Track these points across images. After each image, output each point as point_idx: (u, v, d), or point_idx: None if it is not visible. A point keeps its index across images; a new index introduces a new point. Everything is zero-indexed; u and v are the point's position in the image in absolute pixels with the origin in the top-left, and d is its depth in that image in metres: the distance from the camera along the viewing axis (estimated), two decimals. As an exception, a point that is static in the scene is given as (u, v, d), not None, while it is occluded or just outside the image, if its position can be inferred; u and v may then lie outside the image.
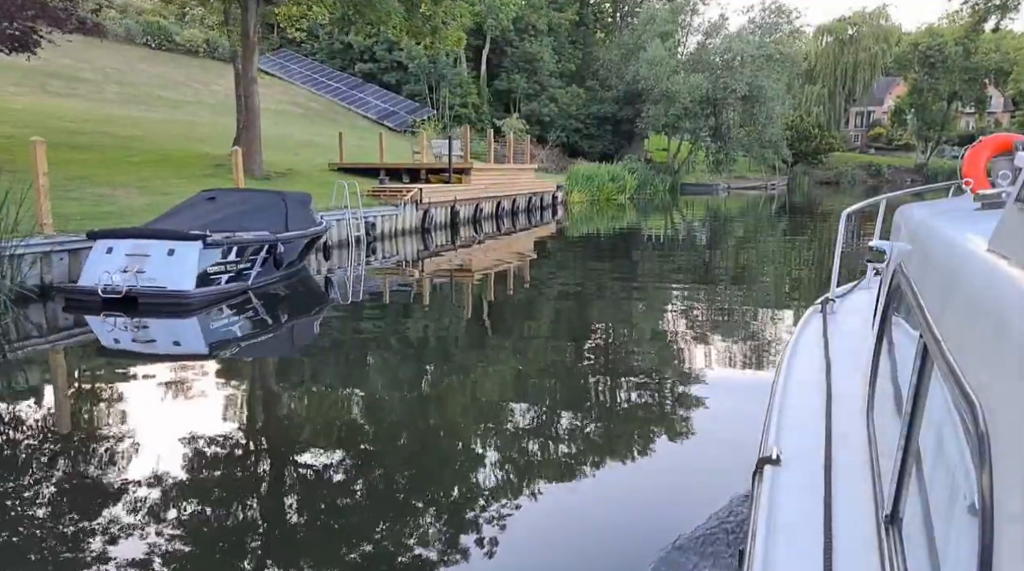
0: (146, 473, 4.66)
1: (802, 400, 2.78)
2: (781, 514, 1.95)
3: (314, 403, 6.65)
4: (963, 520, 1.12)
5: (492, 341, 9.26)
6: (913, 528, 1.53)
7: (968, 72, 61.65)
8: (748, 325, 9.92)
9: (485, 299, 12.31)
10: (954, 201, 3.24)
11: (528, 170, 26.77)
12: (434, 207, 19.08)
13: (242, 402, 6.61)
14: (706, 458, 5.15)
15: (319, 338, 9.39)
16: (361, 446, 5.60)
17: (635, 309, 11.32)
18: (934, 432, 1.48)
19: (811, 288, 12.70)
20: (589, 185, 34.12)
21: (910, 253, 2.34)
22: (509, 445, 5.44)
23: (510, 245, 19.57)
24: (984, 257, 1.34)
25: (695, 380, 7.09)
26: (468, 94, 44.64)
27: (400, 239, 17.92)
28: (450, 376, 7.62)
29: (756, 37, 45.80)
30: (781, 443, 2.38)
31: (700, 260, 18.07)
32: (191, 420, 5.79)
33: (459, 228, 20.54)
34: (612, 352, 8.59)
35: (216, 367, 7.70)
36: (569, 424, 5.87)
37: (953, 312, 1.43)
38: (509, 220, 24.28)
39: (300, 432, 5.85)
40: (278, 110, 37.96)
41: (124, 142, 20.65)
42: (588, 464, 5.05)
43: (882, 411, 2.24)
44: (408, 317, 10.67)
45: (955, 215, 2.24)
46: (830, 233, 21.91)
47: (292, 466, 5.02)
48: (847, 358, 3.16)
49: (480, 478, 4.86)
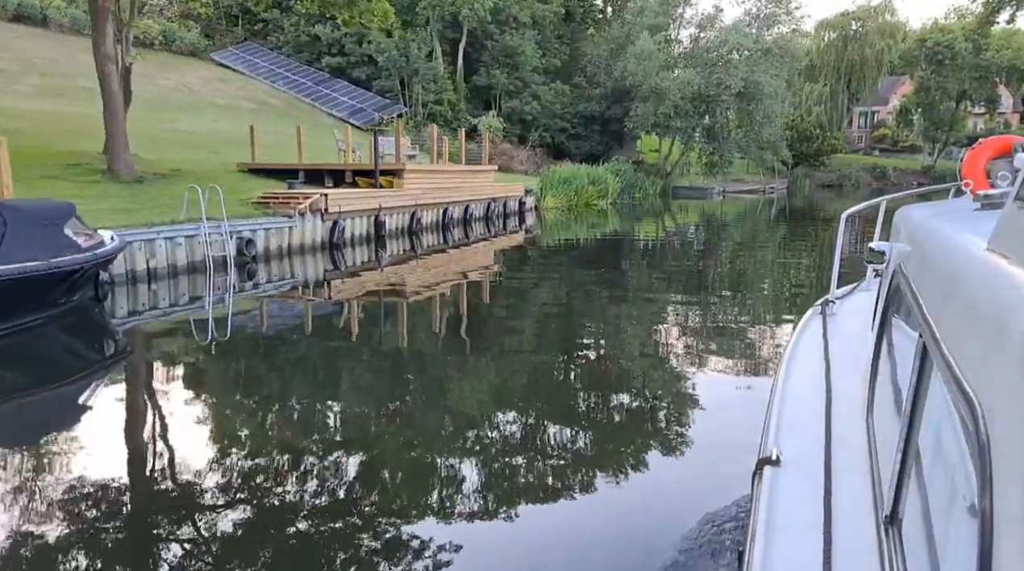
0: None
1: (802, 401, 2.77)
2: (781, 514, 1.95)
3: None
4: (963, 520, 1.11)
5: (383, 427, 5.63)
6: (913, 528, 1.52)
7: (978, 70, 57.70)
8: (745, 341, 9.05)
9: (395, 340, 8.86)
10: (953, 202, 3.21)
11: (486, 171, 23.06)
12: (348, 217, 15.39)
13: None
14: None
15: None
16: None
17: (623, 349, 8.61)
18: (933, 433, 1.47)
19: (813, 300, 9.71)
20: (566, 189, 30.42)
21: (909, 254, 2.33)
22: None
23: (458, 261, 16.00)
24: (983, 257, 1.33)
25: (695, 404, 6.42)
26: (443, 90, 40.94)
27: (298, 258, 14.27)
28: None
29: (753, 30, 42.03)
30: (781, 444, 2.38)
31: (689, 273, 14.57)
32: None
33: (387, 242, 16.87)
34: (591, 427, 5.68)
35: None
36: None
37: (952, 312, 1.42)
38: (461, 230, 20.64)
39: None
40: (228, 105, 34.37)
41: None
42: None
43: (882, 412, 2.23)
44: (248, 383, 7.06)
45: (954, 216, 2.22)
46: (832, 239, 20.70)
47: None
48: (847, 359, 3.14)
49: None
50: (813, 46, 58.23)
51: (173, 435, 5.75)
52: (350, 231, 15.71)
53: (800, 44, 49.56)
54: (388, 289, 12.84)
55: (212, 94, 35.63)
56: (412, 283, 13.31)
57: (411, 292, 12.47)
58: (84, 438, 5.69)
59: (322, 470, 4.95)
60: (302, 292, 12.46)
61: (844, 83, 56.98)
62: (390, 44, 39.10)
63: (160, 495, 4.57)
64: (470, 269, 15.15)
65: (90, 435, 5.76)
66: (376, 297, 12.19)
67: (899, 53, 59.98)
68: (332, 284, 13.29)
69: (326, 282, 13.43)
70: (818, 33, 58.05)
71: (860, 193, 52.83)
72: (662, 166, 45.99)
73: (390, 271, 14.49)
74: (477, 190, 22.13)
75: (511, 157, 40.31)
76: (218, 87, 37.14)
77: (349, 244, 15.83)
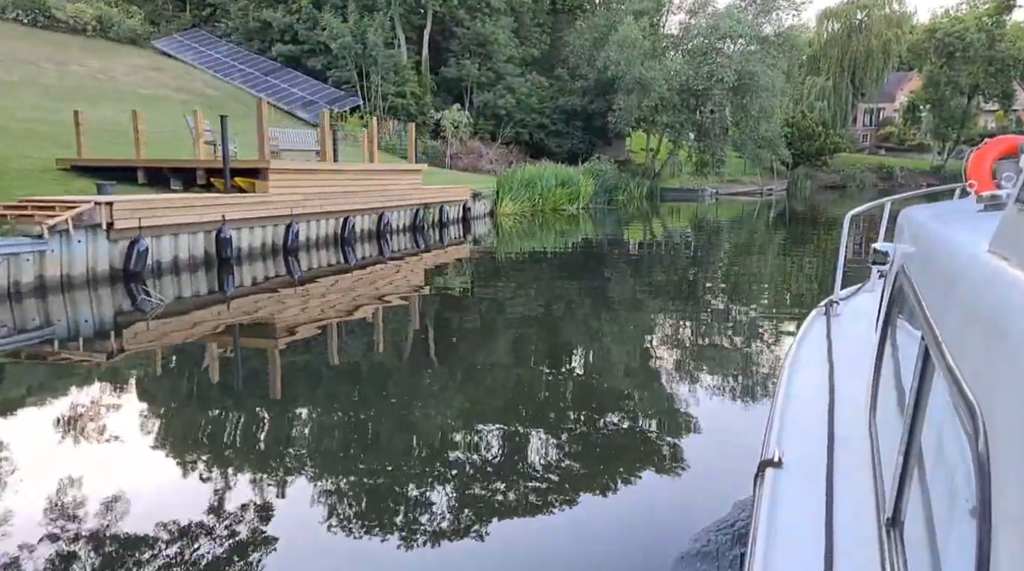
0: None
1: (804, 402, 2.74)
2: (782, 516, 1.93)
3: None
4: (965, 523, 1.11)
5: None
6: (914, 531, 1.50)
7: (992, 63, 52.88)
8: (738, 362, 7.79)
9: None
10: (957, 203, 3.16)
11: (411, 172, 18.50)
12: (161, 235, 10.87)
13: None
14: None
15: None
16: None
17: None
18: (936, 435, 1.47)
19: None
20: (530, 192, 25.86)
21: (912, 255, 2.29)
22: None
23: (362, 285, 11.63)
24: (984, 259, 1.31)
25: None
26: (406, 82, 36.33)
27: (75, 293, 9.76)
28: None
29: (750, 16, 37.35)
30: (783, 445, 2.34)
31: (675, 292, 10.14)
32: None
33: (236, 266, 12.36)
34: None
35: None
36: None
37: (953, 314, 1.40)
38: (373, 245, 16.16)
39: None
40: (153, 96, 29.86)
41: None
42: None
43: (884, 414, 2.22)
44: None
45: (957, 217, 2.21)
46: (835, 244, 18.81)
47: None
48: (850, 360, 3.08)
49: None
50: (816, 37, 53.43)
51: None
52: (170, 253, 11.16)
53: (801, 34, 44.80)
54: (225, 332, 8.53)
55: (139, 84, 31.15)
56: (279, 320, 9.05)
57: (272, 333, 8.25)
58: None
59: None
60: (58, 348, 8.05)
61: (848, 77, 52.08)
62: (344, 29, 34.56)
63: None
64: (374, 297, 10.79)
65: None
66: (206, 346, 7.86)
67: (907, 45, 55.18)
68: (126, 332, 8.88)
69: (115, 329, 9.01)
70: (821, 23, 53.17)
71: (865, 195, 48.01)
72: (650, 166, 41.35)
73: (244, 304, 10.09)
74: (401, 195, 17.60)
75: (479, 156, 35.78)
76: (149, 76, 32.66)
77: (170, 271, 11.30)
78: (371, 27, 34.71)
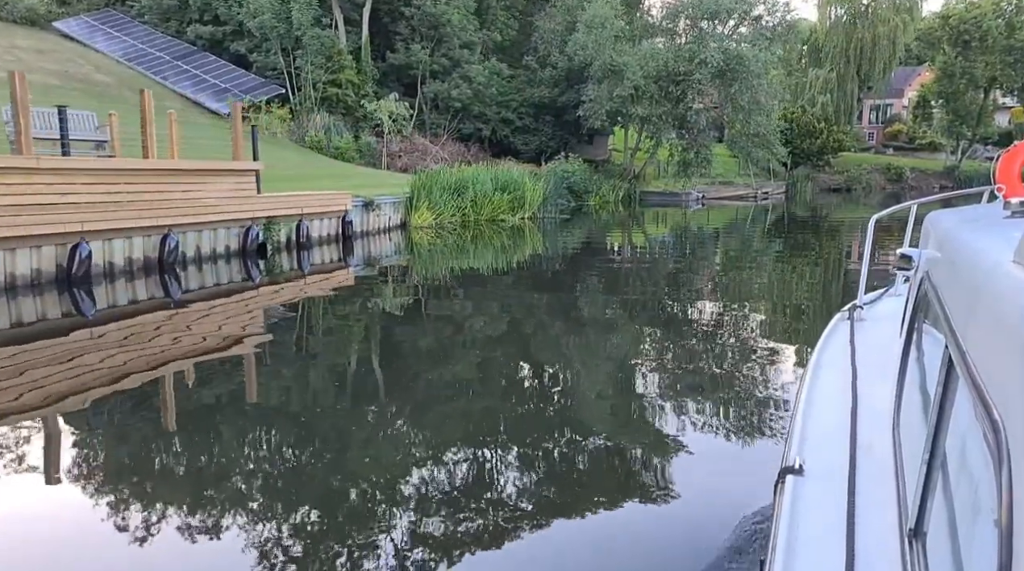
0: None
1: (827, 409, 2.64)
2: (803, 525, 1.85)
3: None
4: (988, 534, 1.08)
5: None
6: (937, 542, 1.44)
7: (1012, 53, 46.91)
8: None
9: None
10: (984, 208, 3.01)
11: (239, 173, 12.87)
12: None
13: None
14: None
15: None
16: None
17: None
18: (959, 445, 1.41)
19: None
20: (456, 199, 20.25)
21: (937, 261, 2.21)
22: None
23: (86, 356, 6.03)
24: (1008, 269, 1.26)
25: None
26: (342, 69, 30.72)
27: None
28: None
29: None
30: (804, 453, 2.24)
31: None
32: None
33: None
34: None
35: None
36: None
37: (977, 324, 1.35)
38: (156, 281, 10.64)
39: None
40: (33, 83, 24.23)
41: None
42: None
43: (908, 422, 2.12)
44: None
45: (983, 223, 2.15)
46: (839, 255, 17.01)
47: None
48: (874, 367, 2.95)
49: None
50: (819, 24, 47.53)
51: None
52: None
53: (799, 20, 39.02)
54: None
55: (10, 68, 25.62)
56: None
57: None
58: None
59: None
60: None
61: (854, 68, 46.13)
62: (265, 4, 29.02)
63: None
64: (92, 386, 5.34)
65: None
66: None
67: (918, 33, 49.23)
68: None
69: None
70: (823, 9, 47.24)
71: (873, 198, 42.16)
72: (628, 166, 35.67)
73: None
74: (212, 206, 12.01)
75: (423, 154, 30.17)
76: (29, 60, 27.17)
77: None
78: (296, 4, 29.18)
